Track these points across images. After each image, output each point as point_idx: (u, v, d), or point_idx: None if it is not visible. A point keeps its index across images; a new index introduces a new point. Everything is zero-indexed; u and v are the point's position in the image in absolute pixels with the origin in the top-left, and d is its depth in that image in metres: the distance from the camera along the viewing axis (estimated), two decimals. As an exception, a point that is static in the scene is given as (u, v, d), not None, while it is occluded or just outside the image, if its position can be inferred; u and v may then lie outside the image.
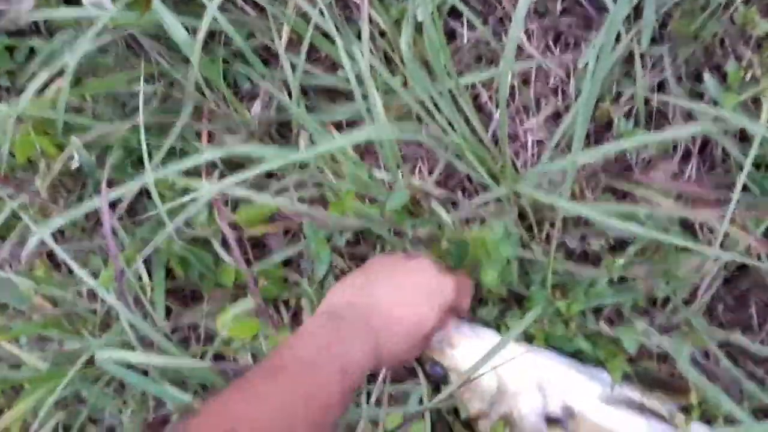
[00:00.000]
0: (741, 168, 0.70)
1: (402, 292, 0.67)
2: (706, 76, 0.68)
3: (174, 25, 0.73)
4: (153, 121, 0.83)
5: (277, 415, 0.49)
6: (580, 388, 0.71)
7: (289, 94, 0.82)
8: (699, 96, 0.75)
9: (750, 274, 0.76)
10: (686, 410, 0.71)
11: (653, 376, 0.72)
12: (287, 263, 0.87)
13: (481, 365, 0.68)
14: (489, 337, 0.72)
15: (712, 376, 0.76)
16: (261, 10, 0.84)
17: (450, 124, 0.78)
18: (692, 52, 0.73)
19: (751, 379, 0.75)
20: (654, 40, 0.76)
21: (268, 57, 0.87)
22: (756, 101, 0.67)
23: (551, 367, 0.73)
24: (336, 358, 0.55)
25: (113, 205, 0.80)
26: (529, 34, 0.83)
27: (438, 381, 0.74)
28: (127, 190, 0.75)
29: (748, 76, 0.67)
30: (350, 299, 0.65)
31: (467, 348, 0.71)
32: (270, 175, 0.87)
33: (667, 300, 0.75)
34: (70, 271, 0.80)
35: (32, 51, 0.87)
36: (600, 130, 0.79)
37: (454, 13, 0.85)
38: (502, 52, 0.81)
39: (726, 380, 0.75)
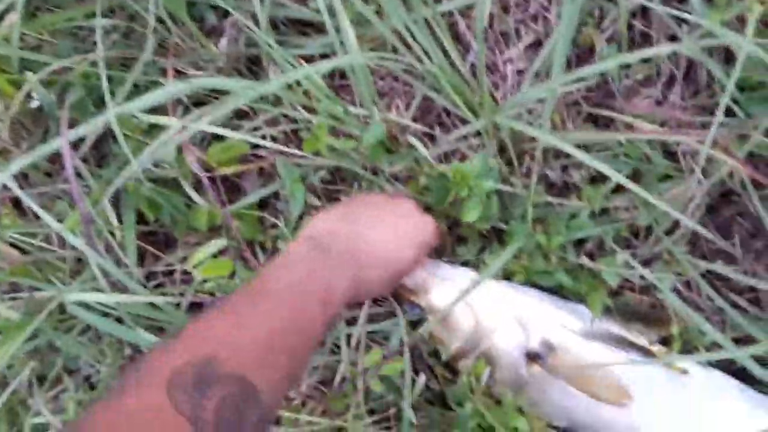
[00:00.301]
0: (725, 90, 0.68)
1: (385, 228, 0.67)
2: (690, -8, 0.65)
3: (129, -50, 0.68)
4: (115, 57, 0.79)
5: (259, 340, 0.48)
6: (559, 322, 0.71)
7: (259, 27, 0.78)
8: (684, 21, 0.72)
9: (733, 202, 0.74)
10: (667, 341, 0.71)
11: (633, 309, 0.71)
12: (262, 204, 0.84)
13: (457, 302, 0.66)
14: (467, 276, 0.71)
15: (694, 307, 0.75)
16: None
17: (427, 54, 0.75)
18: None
19: (735, 309, 0.74)
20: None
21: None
22: (742, 20, 0.64)
23: (530, 302, 0.72)
24: (319, 287, 0.55)
25: (77, 146, 0.77)
26: (506, -41, 0.79)
27: (417, 321, 0.73)
28: (89, 129, 0.71)
29: (733, -7, 0.64)
30: (334, 228, 0.63)
31: (445, 288, 0.70)
32: (241, 114, 0.84)
33: (649, 230, 0.73)
34: (37, 217, 0.77)
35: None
36: (583, 57, 0.76)
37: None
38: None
39: (709, 310, 0.74)
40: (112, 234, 0.78)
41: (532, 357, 0.71)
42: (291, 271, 0.56)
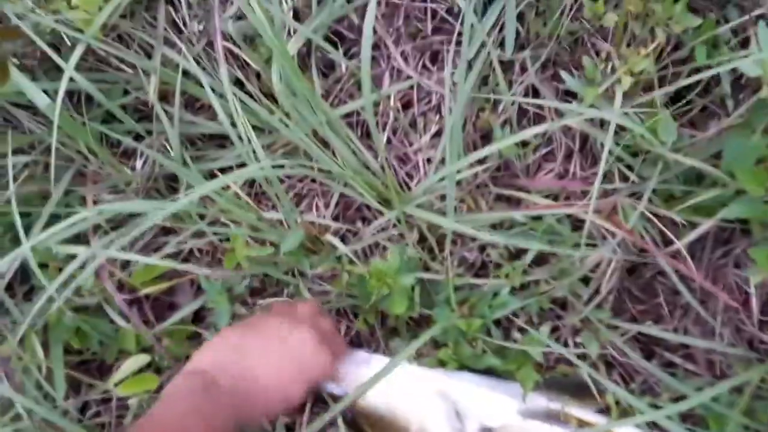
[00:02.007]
0: (619, 159, 0.71)
1: (274, 365, 0.65)
2: (565, 75, 0.68)
3: (33, 90, 0.71)
4: (33, 191, 0.80)
5: None
6: (495, 405, 0.70)
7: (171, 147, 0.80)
8: (574, 94, 0.75)
9: (652, 263, 0.76)
10: (606, 411, 0.70)
11: (564, 383, 0.70)
12: (197, 317, 0.84)
13: (368, 387, 0.65)
14: (379, 362, 0.71)
15: (629, 370, 0.75)
16: (135, 66, 0.83)
17: (338, 155, 0.78)
18: (556, 53, 0.74)
19: (669, 367, 0.74)
20: (522, 48, 0.77)
21: (150, 111, 0.86)
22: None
23: (465, 388, 0.71)
24: (201, 422, 0.56)
25: (-1, 281, 0.77)
26: (405, 56, 0.83)
27: (349, 423, 0.72)
28: (7, 265, 0.71)
29: (609, 67, 0.67)
30: (223, 361, 0.63)
31: (361, 373, 0.69)
32: (167, 230, 0.85)
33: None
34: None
35: None
36: (485, 141, 0.79)
37: (332, 41, 0.85)
38: (381, 78, 0.82)
39: (646, 372, 0.74)
40: (39, 369, 0.77)
41: (474, 445, 0.69)
42: (174, 407, 0.57)
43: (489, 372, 0.74)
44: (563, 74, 0.68)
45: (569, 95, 0.77)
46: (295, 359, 0.65)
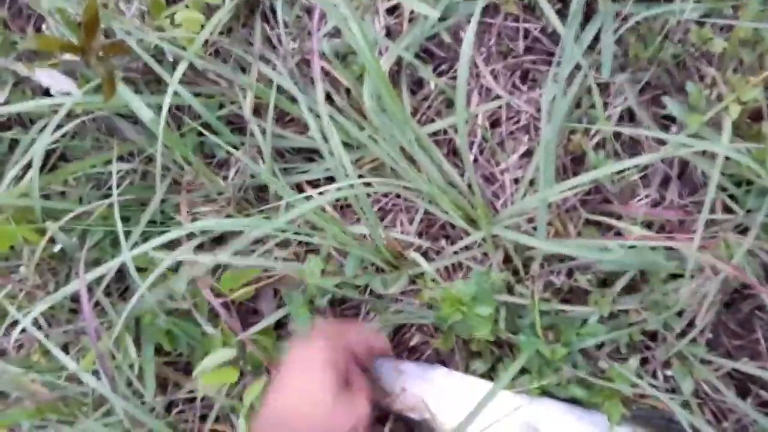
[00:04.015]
0: (722, 188, 0.68)
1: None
2: (667, 100, 0.66)
3: (138, 105, 0.74)
4: (133, 198, 0.84)
5: None
6: (578, 435, 0.68)
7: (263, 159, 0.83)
8: (672, 119, 0.73)
9: (752, 296, 0.72)
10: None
11: (652, 417, 0.68)
12: (280, 324, 0.86)
13: (467, 423, 0.65)
14: (461, 382, 0.72)
15: (722, 408, 0.72)
16: (230, 81, 0.86)
17: (424, 172, 0.78)
18: (657, 76, 0.71)
19: (764, 407, 0.70)
20: (621, 69, 0.75)
21: (243, 124, 0.89)
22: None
23: (548, 417, 0.69)
24: None
25: (100, 281, 0.81)
26: (495, 75, 0.82)
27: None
28: (106, 269, 0.75)
29: (714, 94, 0.65)
30: None
31: (443, 399, 0.69)
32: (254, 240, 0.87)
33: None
34: (67, 353, 0.81)
35: (16, 142, 0.90)
36: (576, 162, 0.78)
37: (422, 59, 0.85)
38: (470, 96, 0.82)
39: (738, 411, 0.70)
40: (131, 367, 0.80)
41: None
42: None
43: (571, 401, 0.72)
44: (665, 99, 0.65)
45: (666, 119, 0.74)
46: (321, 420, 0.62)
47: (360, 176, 0.81)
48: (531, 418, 0.69)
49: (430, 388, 0.72)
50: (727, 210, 0.68)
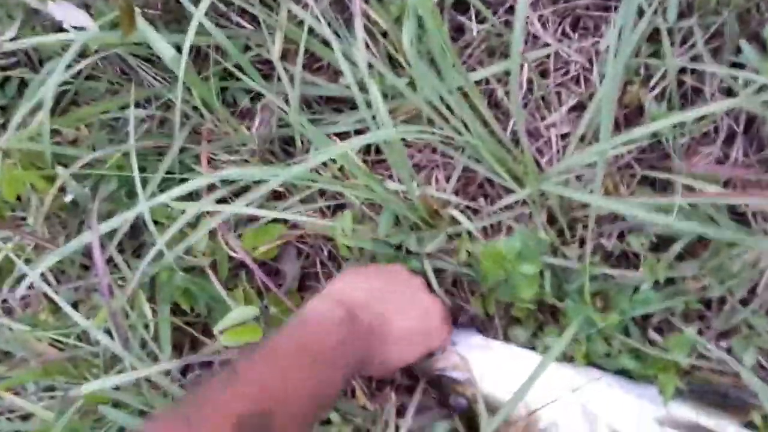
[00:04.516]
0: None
1: (408, 321, 0.66)
2: (743, 44, 0.60)
3: (159, 42, 0.68)
4: (150, 146, 0.78)
5: (303, 399, 0.52)
6: (629, 410, 0.63)
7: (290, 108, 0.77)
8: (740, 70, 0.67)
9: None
10: (751, 427, 0.63)
11: (710, 391, 0.63)
12: (303, 283, 0.81)
13: (518, 398, 0.60)
14: (500, 350, 0.68)
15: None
16: (257, 22, 0.80)
17: (465, 124, 0.72)
18: (724, 22, 0.65)
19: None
20: (681, 14, 0.68)
21: (268, 71, 0.82)
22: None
23: (595, 388, 0.65)
24: (348, 356, 0.58)
25: (112, 235, 0.76)
26: (543, 22, 0.76)
27: (463, 412, 0.67)
28: (121, 221, 0.70)
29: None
30: (364, 303, 0.63)
31: (482, 366, 0.66)
32: (277, 194, 0.81)
33: (722, 301, 0.66)
34: (77, 310, 0.75)
35: (25, 84, 0.84)
36: (631, 117, 0.72)
37: (461, 5, 0.79)
38: (515, 43, 0.76)
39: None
40: (147, 327, 0.75)
41: (601, 450, 0.63)
42: (331, 335, 0.57)
43: (619, 373, 0.67)
44: (742, 43, 0.59)
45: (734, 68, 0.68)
46: (425, 324, 0.66)
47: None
48: (577, 385, 0.64)
49: (471, 353, 0.67)
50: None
